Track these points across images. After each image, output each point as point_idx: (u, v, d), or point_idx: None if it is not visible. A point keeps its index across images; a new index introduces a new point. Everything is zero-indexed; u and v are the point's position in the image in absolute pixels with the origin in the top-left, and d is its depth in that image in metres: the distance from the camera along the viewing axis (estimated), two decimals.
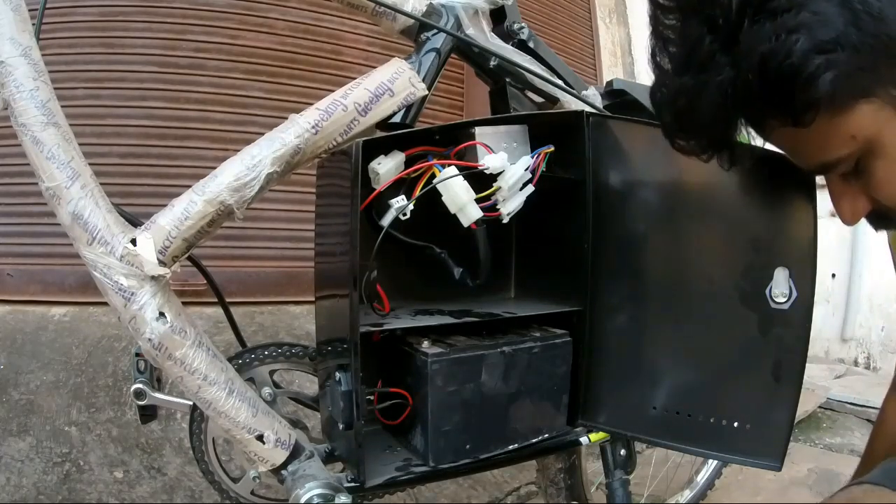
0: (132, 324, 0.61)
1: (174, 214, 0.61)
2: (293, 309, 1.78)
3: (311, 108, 0.62)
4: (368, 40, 1.95)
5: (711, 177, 0.69)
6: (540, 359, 0.76)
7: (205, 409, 0.66)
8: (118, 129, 1.72)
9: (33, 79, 0.60)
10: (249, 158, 0.61)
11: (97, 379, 1.50)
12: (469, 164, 0.65)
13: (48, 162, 0.59)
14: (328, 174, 0.72)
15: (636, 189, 0.76)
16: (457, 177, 0.64)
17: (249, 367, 0.78)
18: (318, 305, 0.76)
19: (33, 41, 0.62)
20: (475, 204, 0.67)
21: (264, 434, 0.68)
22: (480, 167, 0.66)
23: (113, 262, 0.60)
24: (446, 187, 0.65)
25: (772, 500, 0.85)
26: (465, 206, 0.66)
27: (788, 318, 0.67)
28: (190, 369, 0.63)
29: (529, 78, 0.81)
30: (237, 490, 0.80)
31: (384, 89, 0.64)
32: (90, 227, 0.60)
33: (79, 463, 1.41)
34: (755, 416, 0.70)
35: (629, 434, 0.82)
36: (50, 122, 0.60)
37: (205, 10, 1.77)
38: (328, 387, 0.72)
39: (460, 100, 2.15)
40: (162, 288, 0.62)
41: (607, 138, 0.75)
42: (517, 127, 0.71)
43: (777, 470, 0.69)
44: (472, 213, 0.67)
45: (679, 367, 0.75)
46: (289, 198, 1.69)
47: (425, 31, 0.71)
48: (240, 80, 1.79)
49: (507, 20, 0.83)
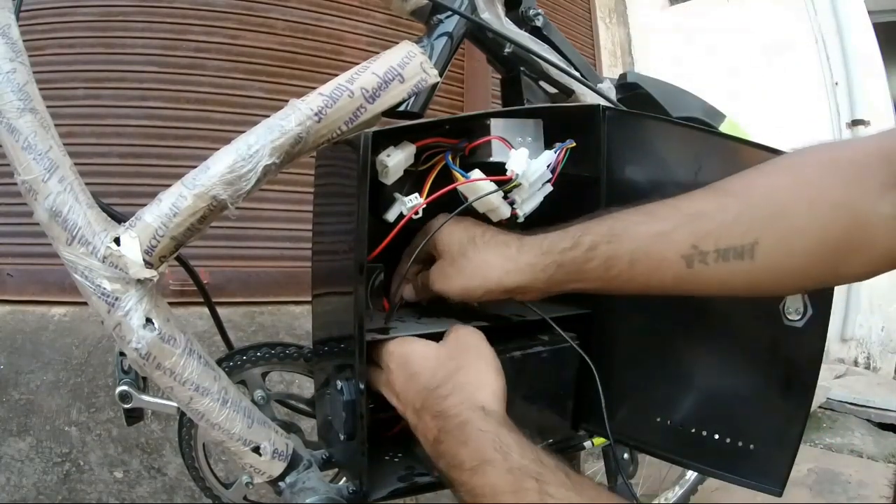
0: (117, 331, 0.53)
1: (161, 210, 0.53)
2: (293, 309, 1.73)
3: (314, 93, 0.54)
4: (369, 40, 1.91)
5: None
6: (548, 363, 0.70)
7: (197, 420, 0.58)
8: (118, 129, 1.66)
9: (10, 59, 0.52)
10: (245, 148, 0.53)
11: (97, 379, 1.46)
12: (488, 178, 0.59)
13: (24, 152, 0.51)
14: (328, 172, 0.65)
15: (651, 188, 0.69)
16: (495, 191, 0.59)
17: (241, 370, 0.72)
18: (316, 304, 0.69)
19: (12, 18, 0.53)
20: (505, 203, 0.60)
21: (261, 445, 0.61)
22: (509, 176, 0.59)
23: (94, 264, 0.52)
24: (474, 189, 0.58)
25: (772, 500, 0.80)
26: (497, 208, 0.60)
27: (801, 337, 0.60)
28: (181, 379, 0.55)
29: (545, 67, 0.74)
30: (229, 496, 0.75)
31: (394, 74, 0.56)
32: (69, 224, 0.52)
33: (79, 463, 1.37)
34: (760, 437, 0.64)
35: (631, 444, 0.77)
36: (27, 107, 0.52)
37: (205, 10, 1.72)
38: (328, 394, 0.65)
39: (460, 100, 2.10)
40: (149, 292, 0.54)
41: (623, 134, 0.69)
42: (531, 120, 0.63)
43: (777, 495, 0.63)
44: (504, 211, 0.61)
45: (686, 380, 0.69)
46: (288, 198, 1.66)
47: (438, 12, 0.64)
48: (240, 80, 1.74)
49: (522, 5, 0.76)
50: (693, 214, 0.50)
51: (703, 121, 0.89)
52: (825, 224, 0.47)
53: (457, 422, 0.48)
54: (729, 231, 0.49)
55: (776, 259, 0.48)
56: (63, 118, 1.43)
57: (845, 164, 0.48)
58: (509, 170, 0.58)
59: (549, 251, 0.55)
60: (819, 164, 0.49)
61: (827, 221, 0.47)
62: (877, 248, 0.46)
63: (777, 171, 0.50)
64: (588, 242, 0.53)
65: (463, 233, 0.58)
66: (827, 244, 0.47)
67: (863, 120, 3.08)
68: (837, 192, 0.47)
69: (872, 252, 0.47)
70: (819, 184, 0.48)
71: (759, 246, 0.48)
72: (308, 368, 0.75)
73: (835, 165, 0.48)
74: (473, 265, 0.57)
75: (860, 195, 0.46)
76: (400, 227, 0.59)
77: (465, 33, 0.67)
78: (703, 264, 0.50)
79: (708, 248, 0.49)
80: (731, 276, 0.50)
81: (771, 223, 0.48)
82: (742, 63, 3.12)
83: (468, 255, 0.57)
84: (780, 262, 0.48)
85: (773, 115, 2.86)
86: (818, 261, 0.48)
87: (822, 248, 0.47)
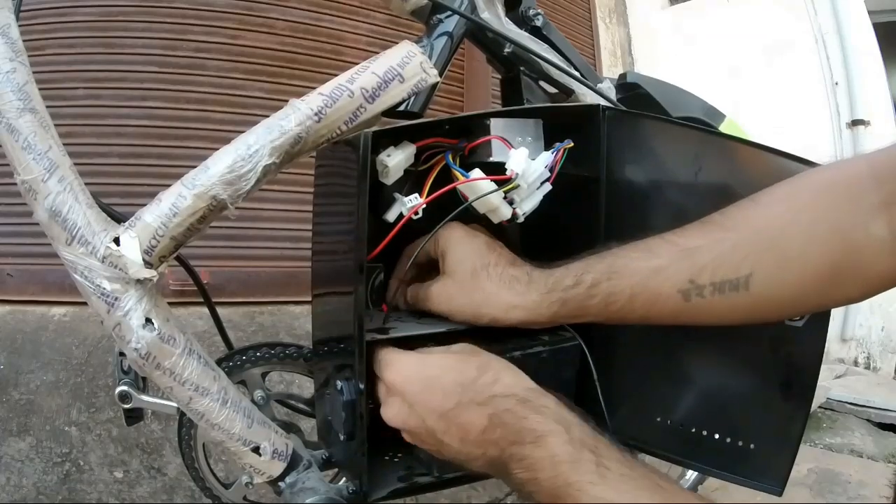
0: (117, 331, 0.53)
1: (161, 210, 0.53)
2: (293, 309, 1.73)
3: (314, 93, 0.54)
4: (368, 40, 1.90)
5: (728, 180, 0.63)
6: (549, 363, 0.69)
7: (197, 420, 0.58)
8: (118, 129, 1.66)
9: (10, 59, 0.52)
10: (245, 148, 0.53)
11: (97, 379, 1.45)
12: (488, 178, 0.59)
13: (24, 152, 0.51)
14: (328, 172, 0.65)
15: (651, 189, 0.69)
16: (495, 191, 0.58)
17: (241, 370, 0.72)
18: (316, 304, 0.69)
19: (12, 18, 0.53)
20: (506, 203, 0.60)
21: (261, 446, 0.61)
22: (508, 176, 0.58)
23: (94, 264, 0.52)
24: (474, 189, 0.58)
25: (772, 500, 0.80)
26: (497, 208, 0.60)
27: (801, 337, 0.60)
28: (180, 379, 0.55)
29: (545, 67, 0.74)
30: (229, 496, 0.75)
31: (394, 74, 0.55)
32: (69, 224, 0.52)
33: (79, 463, 1.37)
34: (760, 436, 0.64)
35: (631, 444, 0.77)
36: (27, 107, 0.52)
37: (205, 10, 1.72)
38: (327, 393, 0.64)
39: (460, 100, 2.10)
40: (148, 292, 0.54)
41: (623, 134, 0.69)
42: (531, 120, 0.63)
43: (778, 494, 0.63)
44: (505, 212, 0.60)
45: (686, 379, 0.69)
46: (288, 198, 1.66)
47: (438, 12, 0.64)
48: (240, 80, 1.74)
49: (522, 5, 0.76)
50: (689, 249, 0.51)
51: (703, 121, 0.88)
52: (819, 252, 0.48)
53: (515, 400, 0.48)
54: (724, 264, 0.50)
55: (771, 289, 0.49)
56: (63, 118, 1.43)
57: (839, 187, 0.48)
58: (509, 169, 0.58)
59: (553, 289, 0.55)
60: (814, 190, 0.50)
61: (821, 249, 0.48)
62: (871, 270, 0.47)
63: (772, 201, 0.51)
64: (590, 280, 0.54)
65: (476, 257, 0.58)
66: (821, 271, 0.48)
67: (863, 120, 3.07)
68: (831, 217, 0.47)
69: (867, 275, 0.47)
70: (813, 210, 0.48)
71: (753, 277, 0.49)
72: (308, 368, 0.75)
73: (829, 189, 0.49)
74: (483, 295, 0.57)
75: (852, 219, 0.46)
76: (399, 226, 0.58)
77: (465, 33, 0.66)
78: (699, 297, 0.51)
79: (704, 281, 0.50)
80: (728, 308, 0.51)
81: (765, 254, 0.49)
82: (742, 63, 3.11)
83: (479, 284, 0.57)
84: (774, 292, 0.49)
85: (773, 115, 2.86)
86: (813, 288, 0.49)
87: (817, 275, 0.48)
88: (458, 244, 0.59)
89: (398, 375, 0.54)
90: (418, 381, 0.53)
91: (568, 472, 0.43)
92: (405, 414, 0.53)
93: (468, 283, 0.58)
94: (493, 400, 0.49)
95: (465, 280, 0.58)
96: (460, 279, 0.58)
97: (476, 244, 0.59)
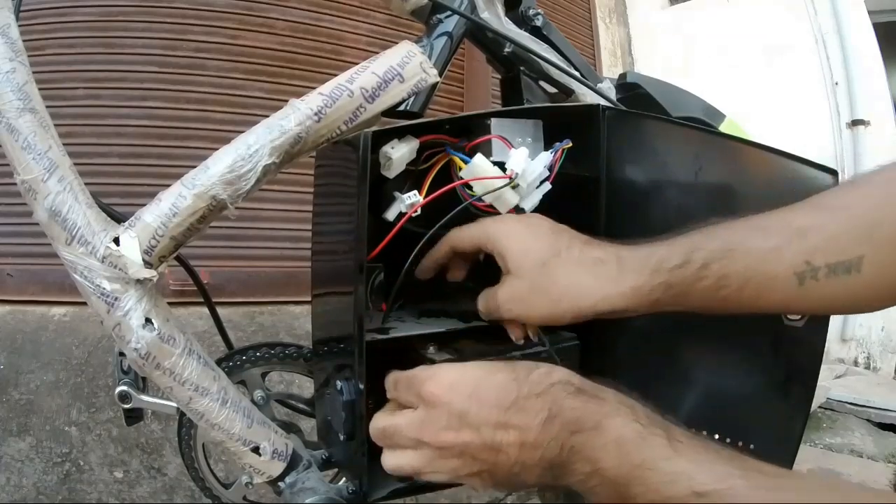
0: (116, 331, 0.53)
1: (161, 210, 0.53)
2: (293, 309, 1.73)
3: (314, 93, 0.54)
4: (368, 40, 1.90)
5: (728, 180, 0.63)
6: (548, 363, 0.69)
7: (196, 420, 0.58)
8: (118, 129, 1.66)
9: (10, 59, 0.52)
10: (245, 148, 0.53)
11: (97, 379, 1.46)
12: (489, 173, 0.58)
13: (24, 152, 0.51)
14: (327, 172, 0.65)
15: (651, 189, 0.69)
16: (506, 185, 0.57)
17: (241, 370, 0.71)
18: (316, 304, 0.69)
19: (12, 18, 0.53)
20: (510, 189, 0.58)
21: (260, 446, 0.61)
22: (508, 175, 0.58)
23: (94, 264, 0.52)
24: (482, 183, 0.57)
25: None
26: (501, 194, 0.58)
27: (801, 337, 0.60)
28: (180, 379, 0.55)
29: (545, 67, 0.74)
30: (229, 496, 0.75)
31: (394, 74, 0.55)
32: (69, 224, 0.52)
33: (79, 463, 1.38)
34: (760, 437, 0.64)
35: None
36: (26, 107, 0.52)
37: (205, 10, 1.72)
38: (327, 393, 0.64)
39: (460, 100, 2.10)
40: (148, 292, 0.54)
41: (623, 134, 0.69)
42: (531, 121, 0.63)
43: None
44: (511, 199, 0.59)
45: (686, 380, 0.68)
46: (288, 198, 1.66)
47: (438, 12, 0.64)
48: (240, 80, 1.74)
49: (521, 5, 0.76)
50: (801, 228, 0.48)
51: (703, 121, 0.88)
52: None
53: (573, 388, 0.45)
54: (837, 245, 0.47)
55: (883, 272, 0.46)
56: (63, 118, 1.43)
57: None
58: (509, 169, 0.58)
59: (658, 269, 0.50)
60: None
61: None
62: None
63: (869, 185, 0.49)
64: (701, 259, 0.49)
65: (543, 245, 0.52)
66: None
67: (863, 120, 3.07)
68: None
69: None
70: None
71: (865, 259, 0.46)
72: (308, 368, 0.75)
73: None
74: (560, 287, 0.51)
75: None
76: (400, 226, 0.58)
77: (464, 33, 0.66)
78: (813, 280, 0.47)
79: (819, 263, 0.47)
80: (837, 292, 0.48)
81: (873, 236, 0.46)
82: (742, 63, 3.12)
83: (552, 275, 0.51)
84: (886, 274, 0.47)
85: (774, 115, 2.86)
86: None
87: None
88: (516, 236, 0.53)
89: (439, 387, 0.48)
90: (466, 386, 0.47)
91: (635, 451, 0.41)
92: (455, 428, 0.47)
93: (540, 279, 0.52)
94: (551, 389, 0.45)
95: (535, 275, 0.52)
96: (529, 275, 0.52)
97: (538, 230, 0.54)
